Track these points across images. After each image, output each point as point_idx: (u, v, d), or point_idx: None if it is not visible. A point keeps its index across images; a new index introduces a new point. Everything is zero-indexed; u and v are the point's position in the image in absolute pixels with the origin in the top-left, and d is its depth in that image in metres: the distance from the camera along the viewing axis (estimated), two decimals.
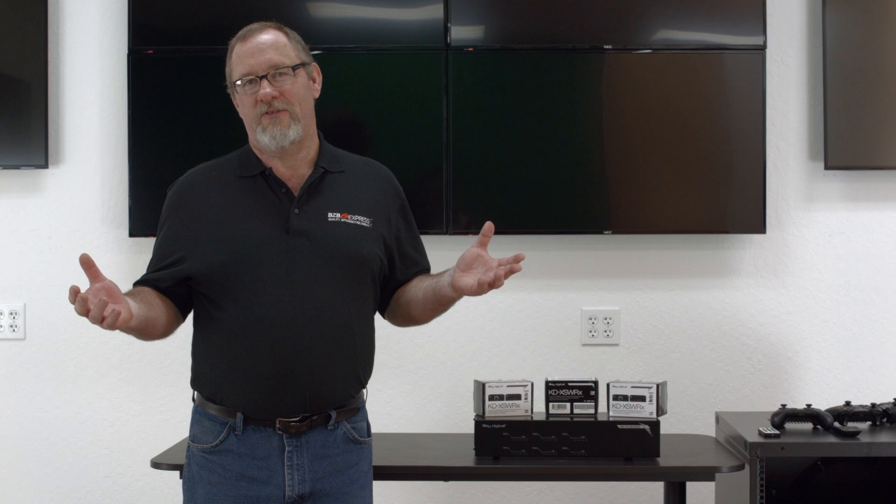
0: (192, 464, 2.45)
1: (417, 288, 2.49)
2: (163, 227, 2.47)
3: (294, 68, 2.39)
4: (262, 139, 2.38)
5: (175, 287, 2.42)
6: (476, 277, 2.31)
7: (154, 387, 3.72)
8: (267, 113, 2.37)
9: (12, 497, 3.73)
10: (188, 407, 3.64)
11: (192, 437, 2.46)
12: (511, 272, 2.29)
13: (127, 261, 3.69)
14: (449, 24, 3.60)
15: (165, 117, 3.64)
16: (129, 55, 3.63)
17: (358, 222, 2.42)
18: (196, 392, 2.47)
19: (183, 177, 2.51)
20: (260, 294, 2.34)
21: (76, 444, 3.74)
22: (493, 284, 2.28)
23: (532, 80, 3.63)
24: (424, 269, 2.58)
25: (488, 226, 2.34)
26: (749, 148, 3.62)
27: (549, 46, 3.63)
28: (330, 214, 2.41)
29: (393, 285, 2.54)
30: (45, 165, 3.68)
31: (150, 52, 3.64)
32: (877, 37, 3.64)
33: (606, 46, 3.63)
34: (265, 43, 2.38)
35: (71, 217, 3.73)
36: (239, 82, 2.38)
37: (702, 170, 3.64)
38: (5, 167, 3.69)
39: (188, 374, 2.50)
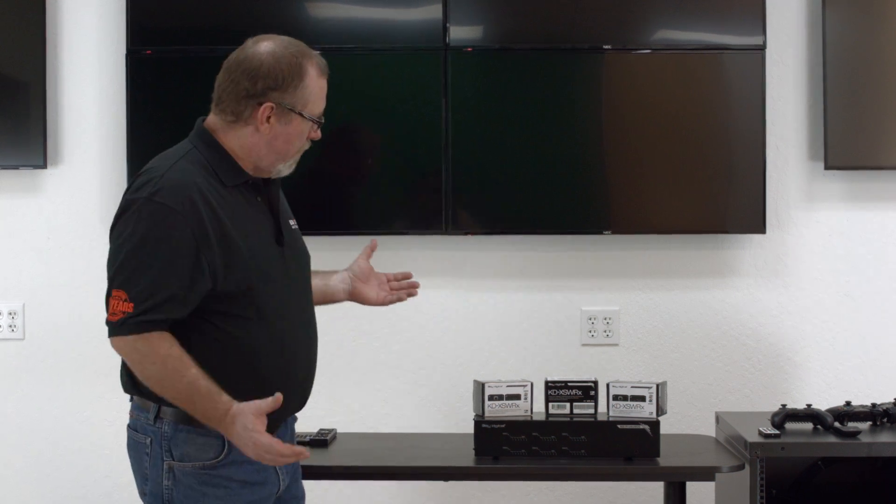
0: (183, 484, 2.30)
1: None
2: (168, 241, 2.20)
3: None
4: (283, 171, 2.38)
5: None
6: (376, 293, 2.63)
7: None
8: None
9: (12, 497, 3.73)
10: None
11: (181, 456, 2.30)
12: (410, 295, 2.68)
13: None
14: (448, 24, 3.60)
15: (164, 118, 3.63)
16: (127, 55, 3.63)
17: (297, 225, 2.49)
18: (174, 411, 2.29)
19: (174, 184, 2.23)
20: (276, 308, 2.33)
21: (76, 444, 3.73)
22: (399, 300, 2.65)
23: (531, 80, 3.63)
24: None
25: (375, 242, 2.64)
26: (749, 148, 3.61)
27: (549, 46, 3.62)
28: (291, 222, 2.46)
29: None
30: (44, 166, 3.67)
31: (149, 52, 3.63)
32: (877, 37, 3.63)
33: (606, 46, 3.63)
34: None
35: (70, 217, 3.73)
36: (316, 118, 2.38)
37: (701, 170, 3.63)
38: (4, 167, 3.68)
39: None
